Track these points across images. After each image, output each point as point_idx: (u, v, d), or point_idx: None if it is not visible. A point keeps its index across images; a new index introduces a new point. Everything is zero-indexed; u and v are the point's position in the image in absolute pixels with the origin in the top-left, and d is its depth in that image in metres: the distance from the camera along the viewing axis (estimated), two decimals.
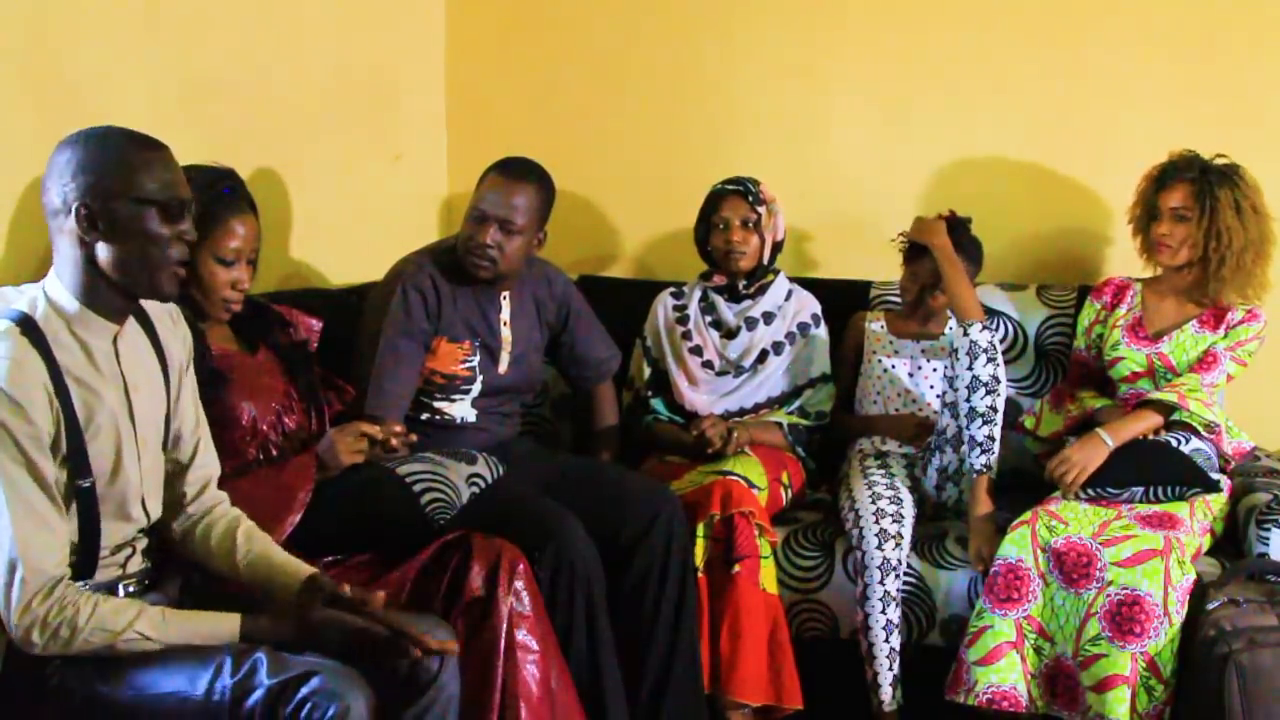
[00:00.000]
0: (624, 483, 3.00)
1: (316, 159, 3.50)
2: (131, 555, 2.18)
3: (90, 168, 2.01)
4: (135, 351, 2.16)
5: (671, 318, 3.54)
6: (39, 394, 1.96)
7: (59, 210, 2.02)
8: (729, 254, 3.41)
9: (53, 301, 2.05)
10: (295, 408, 2.70)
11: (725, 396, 3.45)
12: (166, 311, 2.28)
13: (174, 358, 2.25)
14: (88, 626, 1.96)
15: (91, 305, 2.06)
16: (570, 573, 2.67)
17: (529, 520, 2.71)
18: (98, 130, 2.06)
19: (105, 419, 2.06)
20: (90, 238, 2.02)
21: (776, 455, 3.33)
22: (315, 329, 2.84)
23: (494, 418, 3.20)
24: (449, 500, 2.67)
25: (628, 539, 2.86)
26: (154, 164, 2.05)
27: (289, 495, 2.51)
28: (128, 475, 2.10)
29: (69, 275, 2.05)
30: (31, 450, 1.95)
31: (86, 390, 2.04)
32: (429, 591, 2.52)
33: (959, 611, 3.00)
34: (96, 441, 2.05)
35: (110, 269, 2.04)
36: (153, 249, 2.05)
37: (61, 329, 2.04)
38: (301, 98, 3.45)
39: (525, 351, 3.24)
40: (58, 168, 2.03)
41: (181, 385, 2.28)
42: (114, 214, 2.01)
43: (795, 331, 3.48)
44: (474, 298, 3.14)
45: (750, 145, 3.84)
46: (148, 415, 2.17)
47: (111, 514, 2.09)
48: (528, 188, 3.06)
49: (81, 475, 2.03)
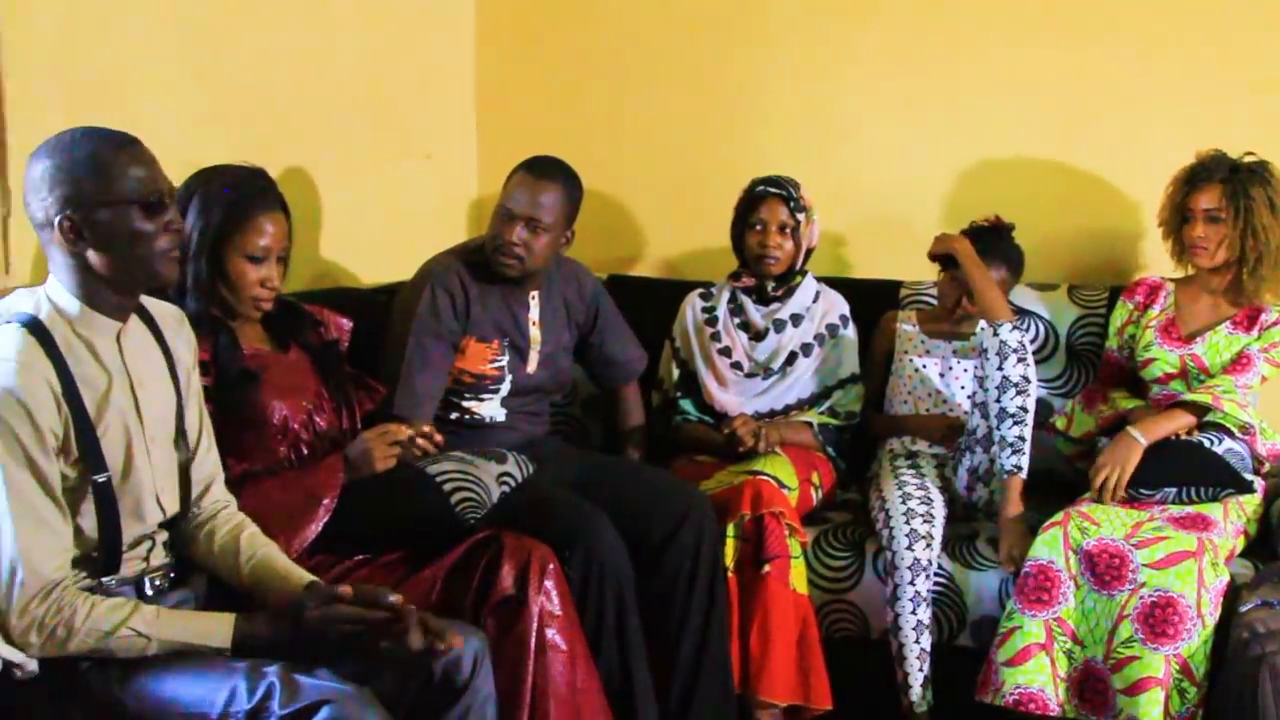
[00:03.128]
0: (654, 482, 3.00)
1: (347, 159, 3.51)
2: (153, 549, 2.18)
3: (64, 178, 2.00)
4: (140, 349, 2.16)
5: (700, 319, 3.53)
6: (46, 396, 1.97)
7: (43, 224, 2.02)
8: (762, 257, 3.39)
9: (55, 304, 2.06)
10: (326, 407, 2.70)
11: (755, 398, 3.44)
12: (171, 314, 2.29)
13: (180, 357, 2.25)
14: (83, 627, 1.97)
15: (92, 305, 2.07)
16: (600, 572, 2.67)
17: (559, 519, 2.71)
18: (65, 136, 2.04)
19: (114, 416, 2.07)
20: (78, 248, 2.02)
21: (807, 455, 3.32)
22: (346, 328, 2.84)
23: (523, 417, 3.20)
24: (479, 499, 2.67)
25: (658, 539, 2.86)
26: (127, 162, 2.03)
27: (313, 502, 2.51)
28: (139, 470, 2.11)
29: (66, 280, 2.06)
30: (35, 453, 1.95)
31: (94, 389, 2.05)
32: (459, 591, 2.52)
33: (989, 613, 2.99)
34: (107, 438, 2.06)
35: (105, 271, 2.04)
36: (140, 248, 2.04)
37: (66, 329, 2.04)
38: (332, 98, 3.46)
39: (554, 351, 3.24)
40: (33, 182, 2.02)
41: (189, 384, 2.28)
42: (96, 221, 2.01)
43: (824, 333, 3.46)
44: (502, 297, 3.15)
45: (779, 144, 3.82)
46: (155, 411, 2.17)
47: (128, 509, 2.10)
48: (555, 186, 3.06)
49: (97, 471, 2.04)
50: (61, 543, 2.00)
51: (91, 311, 2.07)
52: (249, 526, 2.32)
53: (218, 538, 2.28)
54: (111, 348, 2.10)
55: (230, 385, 2.49)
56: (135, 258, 2.05)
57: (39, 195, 2.02)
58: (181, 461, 2.25)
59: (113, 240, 2.02)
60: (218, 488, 2.34)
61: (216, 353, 2.47)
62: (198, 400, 2.31)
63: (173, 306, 2.32)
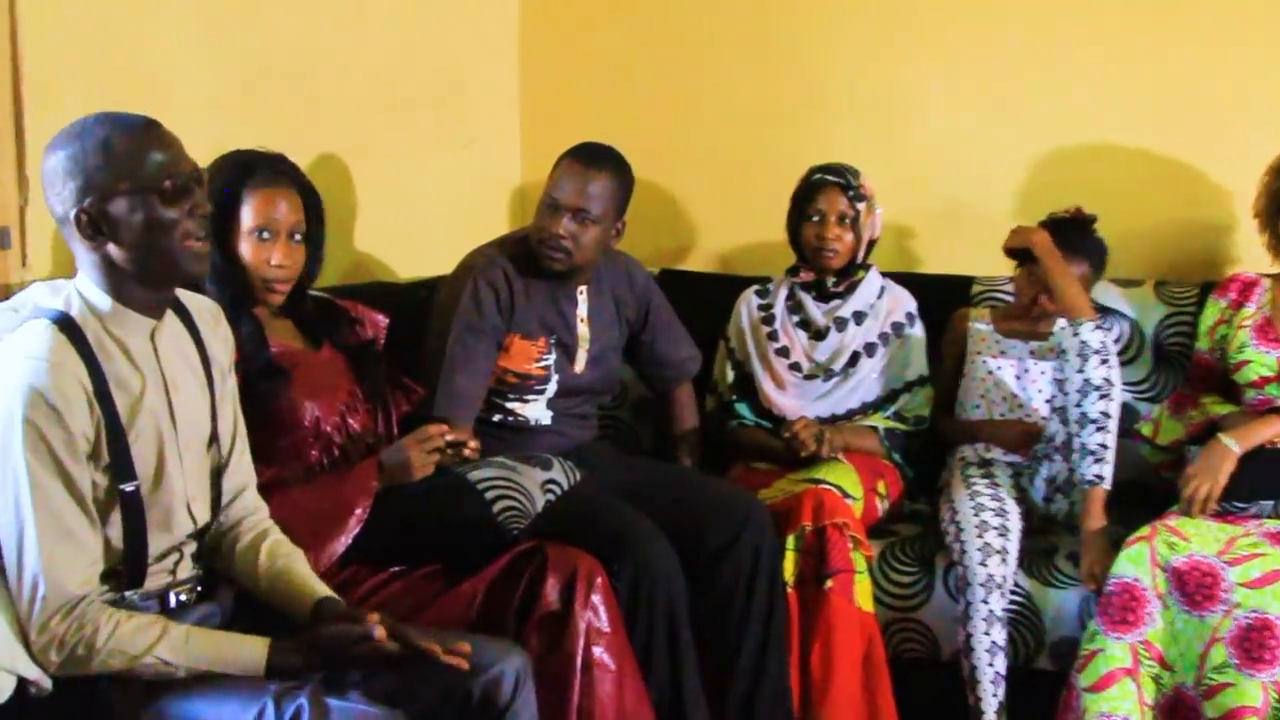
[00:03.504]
0: (709, 490, 3.00)
1: (382, 146, 3.52)
2: (180, 561, 2.18)
3: (78, 169, 1.98)
4: (175, 348, 2.15)
5: (756, 317, 3.52)
6: (78, 397, 1.96)
7: (62, 219, 2.01)
8: (820, 250, 3.38)
9: (86, 299, 2.05)
10: (361, 408, 2.70)
11: (815, 401, 3.42)
12: (208, 309, 2.28)
13: (216, 356, 2.25)
14: (105, 647, 1.97)
15: (124, 301, 2.05)
16: (651, 586, 2.66)
17: (608, 530, 2.70)
18: (79, 124, 2.03)
19: (146, 420, 2.06)
20: (98, 242, 2.00)
21: (872, 463, 3.29)
22: (383, 325, 2.84)
23: (570, 420, 3.20)
24: (523, 508, 2.66)
25: (712, 551, 2.85)
26: (144, 146, 2.00)
27: (344, 511, 2.51)
28: (170, 478, 2.10)
29: (93, 276, 2.05)
30: (66, 459, 1.95)
31: (127, 391, 2.04)
32: (501, 605, 2.52)
33: (1069, 633, 2.96)
34: (138, 444, 2.05)
35: (128, 267, 2.02)
36: (162, 239, 2.01)
37: (98, 326, 2.03)
38: (367, 82, 3.47)
39: (603, 350, 3.24)
40: (49, 175, 2.01)
41: (224, 386, 2.28)
42: (113, 213, 1.99)
43: (889, 331, 3.44)
44: (549, 292, 3.15)
45: (841, 131, 3.80)
46: (189, 415, 2.16)
47: (157, 519, 2.09)
48: (604, 175, 3.06)
49: (125, 479, 2.03)
50: (88, 556, 2.00)
51: (123, 308, 2.06)
52: (273, 534, 2.31)
53: (240, 546, 2.28)
54: (145, 347, 2.09)
55: (256, 379, 2.48)
56: (158, 250, 2.02)
57: (55, 189, 2.00)
58: (214, 468, 2.24)
59: (132, 232, 2.00)
60: (249, 494, 2.34)
61: (239, 343, 2.46)
62: (233, 402, 2.31)
63: (209, 301, 2.31)
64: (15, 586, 1.97)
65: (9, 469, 1.94)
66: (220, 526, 2.29)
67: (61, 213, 2.01)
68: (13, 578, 1.97)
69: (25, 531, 1.94)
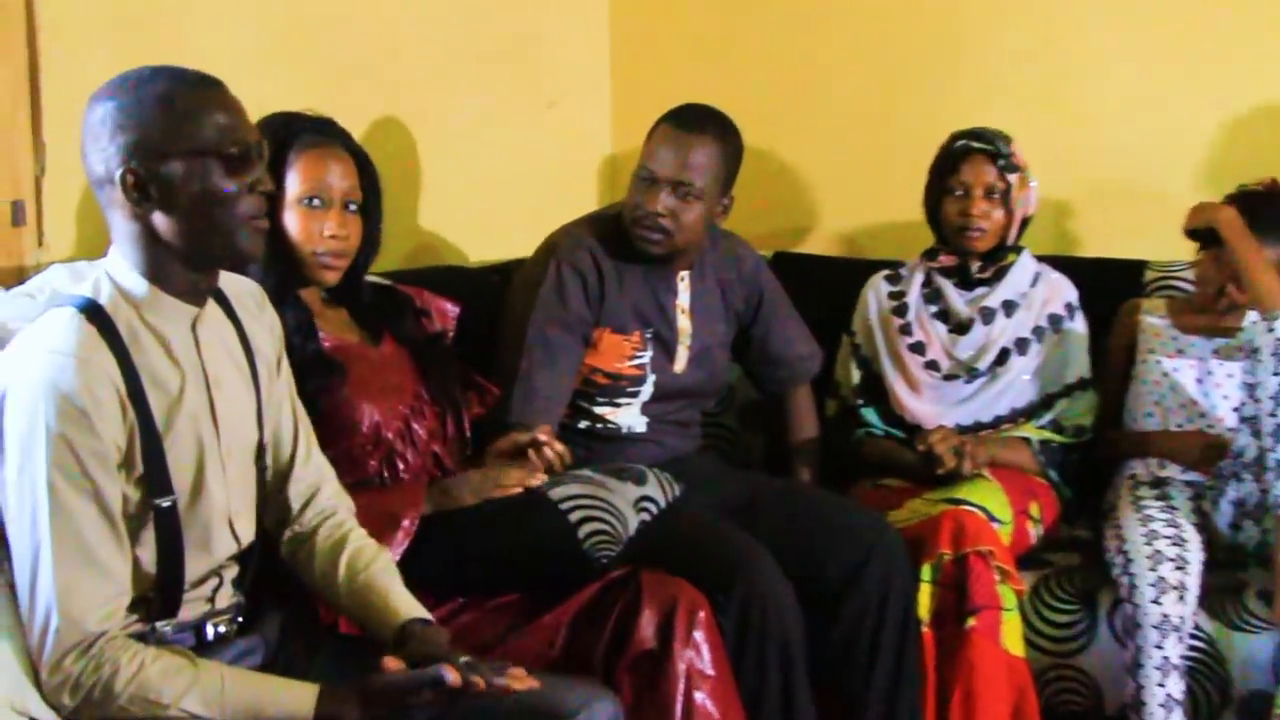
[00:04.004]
0: (830, 511, 2.99)
1: (450, 109, 3.56)
2: (219, 587, 2.18)
3: (131, 123, 1.98)
4: (217, 340, 2.16)
5: (886, 307, 3.52)
6: (109, 398, 1.96)
7: (103, 180, 2.01)
8: (964, 230, 3.37)
9: (118, 284, 2.05)
10: (427, 411, 2.72)
11: (956, 406, 3.41)
12: (250, 294, 2.28)
13: (261, 349, 2.25)
14: (126, 692, 1.96)
15: (163, 285, 2.05)
16: (762, 622, 2.65)
17: (712, 556, 2.70)
18: (132, 75, 2.04)
19: (185, 424, 2.06)
20: (144, 208, 2.00)
21: (1024, 481, 3.28)
22: (452, 315, 2.86)
23: (668, 427, 3.22)
24: (613, 531, 2.65)
25: (834, 582, 2.85)
26: (207, 106, 2.01)
27: (391, 523, 2.52)
28: (211, 491, 2.10)
29: (129, 253, 2.04)
30: (97, 472, 1.94)
31: (163, 390, 2.04)
32: (588, 643, 2.52)
33: (1261, 687, 2.93)
34: (175, 451, 2.05)
35: (175, 241, 2.02)
36: (219, 211, 2.02)
37: (132, 315, 2.03)
38: (430, 33, 3.50)
39: (707, 346, 3.25)
40: (93, 127, 2.01)
41: (274, 380, 2.29)
42: (165, 175, 1.99)
43: (1045, 325, 3.44)
44: (644, 279, 3.15)
45: (990, 90, 3.80)
46: (234, 418, 2.16)
47: (195, 538, 2.09)
48: (708, 142, 3.06)
49: (160, 493, 2.03)
50: (111, 586, 1.99)
51: (161, 294, 2.06)
52: (353, 541, 2.31)
53: (318, 558, 2.30)
54: (186, 339, 2.09)
55: (304, 375, 2.47)
56: (212, 224, 2.02)
57: (98, 143, 2.01)
58: (270, 476, 2.26)
59: (186, 200, 2.00)
60: (324, 494, 2.36)
61: (285, 335, 2.46)
62: (290, 396, 2.32)
63: (251, 283, 2.31)
64: (27, 618, 1.97)
65: (27, 481, 1.94)
66: (297, 535, 2.32)
67: (103, 171, 2.01)
68: (24, 608, 1.98)
69: (41, 555, 1.94)
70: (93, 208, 2.63)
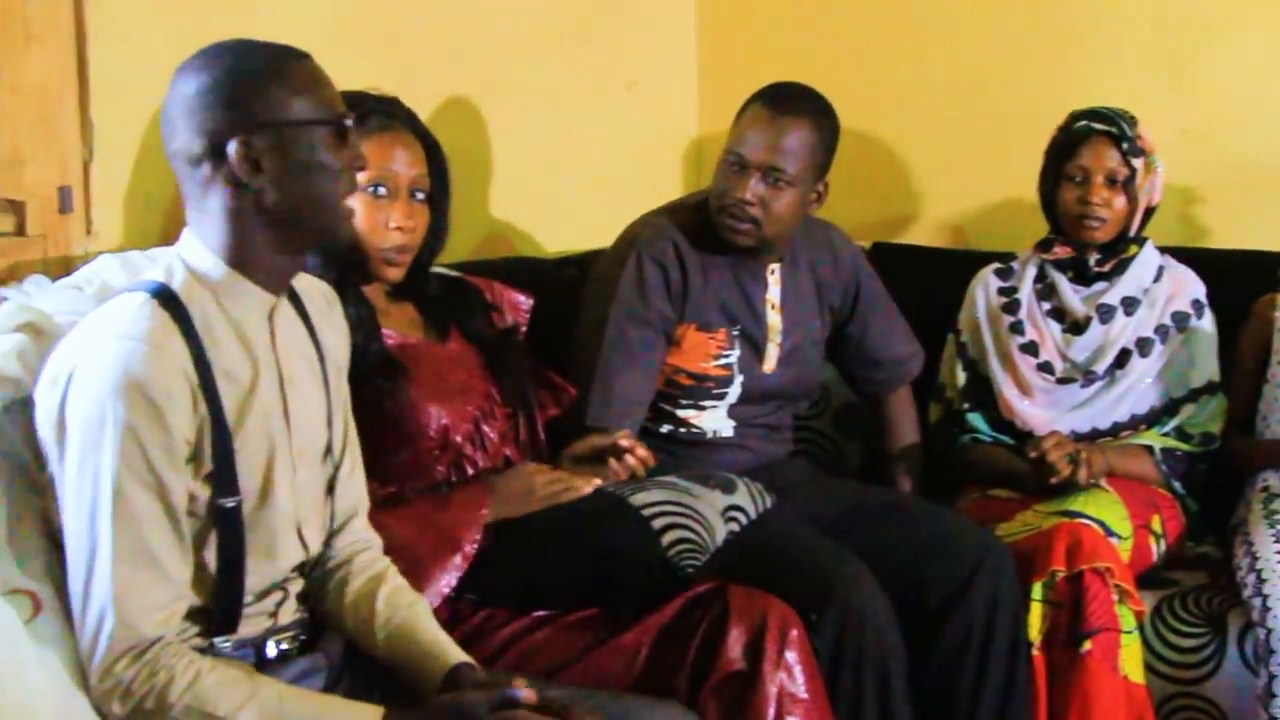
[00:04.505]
0: (933, 524, 3.00)
1: (523, 89, 3.58)
2: (284, 601, 2.21)
3: (243, 94, 2.03)
4: (291, 334, 2.19)
5: (996, 304, 3.51)
6: (182, 390, 1.98)
7: (199, 155, 2.04)
8: (1083, 219, 3.35)
9: (194, 268, 2.08)
10: (498, 413, 2.74)
11: (1071, 412, 3.41)
12: (321, 293, 2.31)
13: (331, 350, 2.28)
14: (181, 703, 1.97)
15: (244, 270, 2.09)
16: (859, 642, 2.66)
17: (806, 570, 2.71)
18: (223, 47, 2.08)
19: (256, 420, 2.09)
20: (254, 182, 2.04)
21: (1145, 492, 3.27)
22: (525, 309, 2.89)
23: (757, 431, 3.23)
24: (699, 540, 2.65)
25: (937, 600, 2.85)
26: (314, 78, 2.09)
27: (447, 545, 2.54)
28: (279, 494, 2.12)
29: (214, 233, 2.07)
30: (163, 467, 1.97)
31: (235, 383, 2.08)
32: (672, 663, 2.51)
33: None
34: (246, 449, 2.07)
35: (276, 218, 2.06)
36: (326, 184, 2.08)
37: (207, 301, 2.07)
38: (503, 10, 3.53)
39: (799, 344, 3.26)
40: (188, 100, 2.04)
41: (342, 383, 2.32)
42: (281, 148, 2.04)
43: (1169, 324, 3.42)
44: (732, 272, 3.17)
45: (1113, 66, 3.77)
46: (305, 416, 2.19)
47: (259, 545, 2.11)
48: (802, 125, 3.07)
49: (227, 493, 2.05)
50: (170, 590, 2.01)
51: (241, 279, 2.09)
52: (392, 579, 2.33)
53: (350, 591, 2.30)
54: (262, 329, 2.13)
55: (367, 376, 2.50)
56: (320, 199, 2.08)
57: (195, 117, 2.04)
58: (331, 484, 2.27)
59: (299, 173, 2.06)
60: (359, 523, 2.37)
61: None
62: (345, 407, 2.34)
63: (321, 283, 2.35)
64: (79, 618, 1.99)
65: (89, 471, 1.96)
66: (327, 564, 2.31)
67: (201, 147, 2.04)
68: (77, 608, 1.99)
69: (99, 551, 1.96)
70: (144, 194, 2.71)
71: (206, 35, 2.14)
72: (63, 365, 2.00)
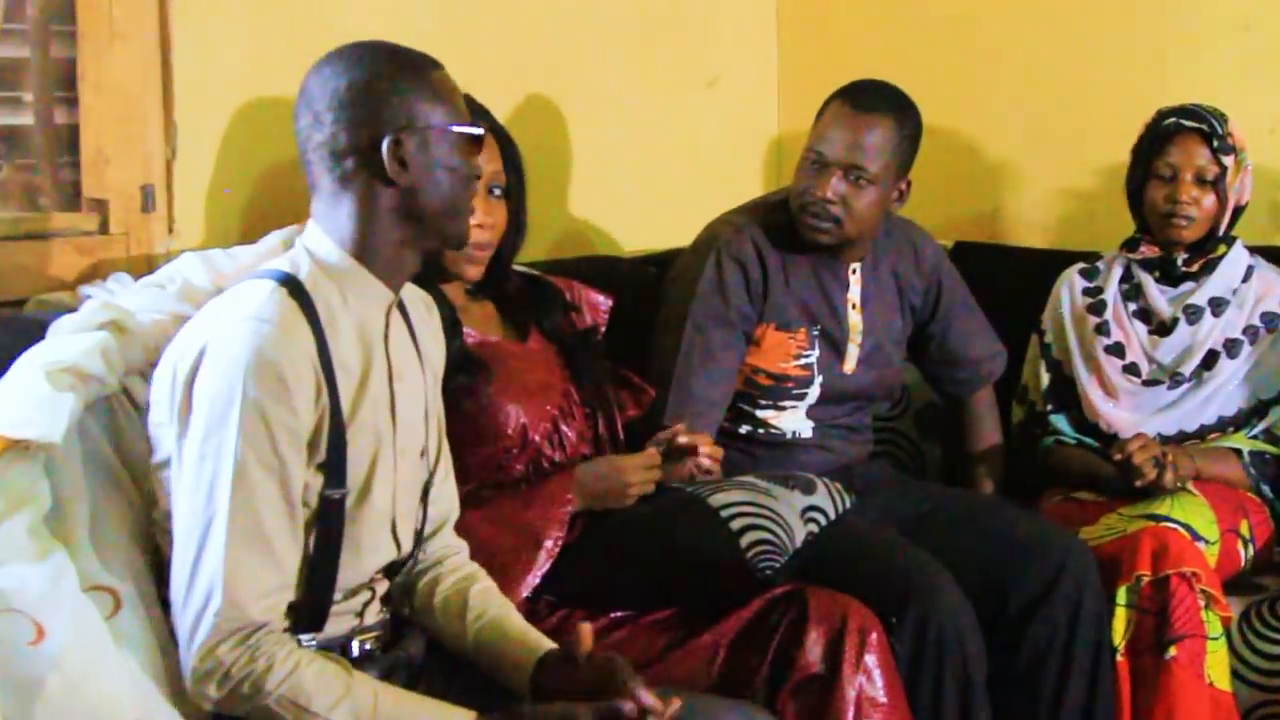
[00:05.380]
0: (1015, 527, 3.00)
1: (602, 86, 3.61)
2: (370, 601, 2.24)
3: (396, 95, 2.11)
4: (401, 333, 2.25)
5: (1081, 304, 3.49)
6: (309, 375, 2.04)
7: (344, 149, 2.11)
8: (1170, 217, 3.32)
9: (320, 259, 2.15)
10: (577, 413, 2.78)
11: (1158, 414, 3.39)
12: (420, 298, 2.37)
13: (429, 354, 2.34)
14: (276, 690, 1.98)
15: (370, 264, 2.16)
16: (939, 646, 2.67)
17: (886, 573, 2.73)
18: (368, 47, 2.16)
19: (367, 413, 2.14)
20: (402, 179, 2.12)
21: (1233, 496, 3.25)
22: (604, 309, 2.92)
23: (837, 432, 3.26)
24: (778, 542, 2.67)
25: (1019, 604, 2.87)
26: (450, 87, 2.18)
27: (531, 543, 2.58)
28: (378, 490, 2.16)
29: (344, 226, 2.14)
30: (287, 450, 2.01)
31: (349, 374, 2.12)
32: (749, 665, 2.55)
33: None
34: (356, 441, 2.12)
35: (412, 215, 2.14)
36: (463, 188, 2.18)
37: (331, 292, 2.13)
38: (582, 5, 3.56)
39: (880, 344, 3.28)
40: (339, 96, 2.11)
41: (438, 388, 2.37)
42: (425, 149, 2.13)
43: (1258, 325, 3.38)
44: (812, 271, 3.20)
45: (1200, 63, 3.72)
46: (410, 414, 2.25)
47: (354, 541, 2.14)
48: (884, 122, 3.09)
49: (335, 484, 2.09)
50: (280, 576, 2.04)
51: (366, 273, 2.16)
52: (482, 579, 2.38)
53: (441, 590, 2.35)
54: (378, 324, 2.19)
55: (448, 373, 2.50)
56: (455, 201, 2.17)
57: (346, 112, 2.11)
58: (428, 483, 2.32)
59: (442, 174, 2.15)
60: (449, 529, 2.42)
61: None
62: (439, 414, 2.39)
63: (421, 290, 2.39)
64: (181, 594, 2.01)
65: (212, 448, 1.99)
66: (414, 565, 2.35)
67: (348, 141, 2.11)
68: (180, 584, 2.01)
69: (213, 529, 1.98)
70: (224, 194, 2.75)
71: (288, 37, 2.21)
72: (192, 344, 2.05)
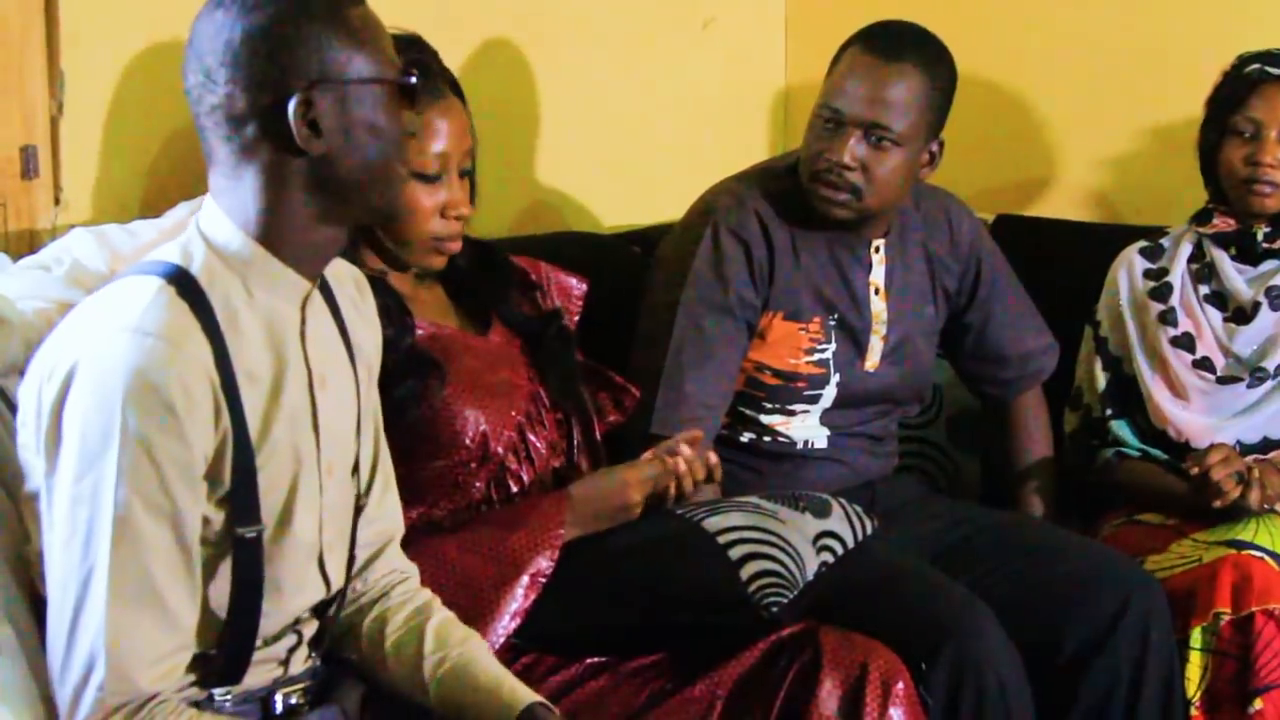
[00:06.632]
0: (1069, 555, 3.01)
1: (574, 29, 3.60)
2: (296, 648, 2.20)
3: (303, 43, 2.00)
4: (321, 330, 2.17)
5: (1142, 289, 3.47)
6: (204, 396, 1.96)
7: (243, 113, 2.01)
8: (1251, 182, 3.29)
9: (217, 246, 2.06)
10: (547, 419, 2.75)
11: (1237, 418, 3.37)
12: (349, 276, 2.30)
13: (362, 345, 2.27)
14: None
15: (277, 249, 2.06)
16: (978, 697, 2.66)
17: (914, 610, 2.72)
18: None
19: (282, 430, 2.07)
20: (314, 147, 2.02)
21: None
22: (578, 295, 2.89)
23: (857, 442, 3.24)
24: (786, 574, 2.63)
25: (1074, 648, 2.87)
26: (372, 27, 2.06)
27: (510, 574, 2.54)
28: (301, 520, 2.11)
29: (246, 205, 2.05)
30: (178, 488, 1.94)
31: (257, 385, 2.05)
32: (753, 718, 2.52)
33: None
34: (269, 466, 2.06)
35: (329, 187, 2.05)
36: (393, 150, 2.07)
37: (232, 287, 2.04)
38: None
39: (908, 336, 3.27)
40: (231, 48, 2.00)
41: (372, 386, 2.31)
42: (342, 107, 2.03)
43: None
44: (827, 250, 3.17)
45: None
46: (336, 426, 2.18)
47: (275, 580, 2.09)
48: (911, 72, 3.07)
49: (245, 520, 2.03)
50: (175, 638, 1.98)
51: (274, 260, 2.07)
52: (437, 611, 2.32)
53: (392, 630, 2.29)
54: (292, 321, 2.11)
55: (395, 375, 2.49)
56: (383, 167, 2.07)
57: (241, 68, 2.00)
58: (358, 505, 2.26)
59: (365, 136, 2.05)
60: (393, 550, 2.36)
61: None
62: (374, 415, 2.33)
63: (349, 266, 2.34)
64: (58, 663, 1.96)
65: (88, 490, 1.93)
66: (357, 600, 2.32)
67: (246, 104, 2.01)
68: (56, 651, 1.97)
69: (92, 586, 1.93)
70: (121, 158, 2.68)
71: None
72: (61, 360, 1.96)
